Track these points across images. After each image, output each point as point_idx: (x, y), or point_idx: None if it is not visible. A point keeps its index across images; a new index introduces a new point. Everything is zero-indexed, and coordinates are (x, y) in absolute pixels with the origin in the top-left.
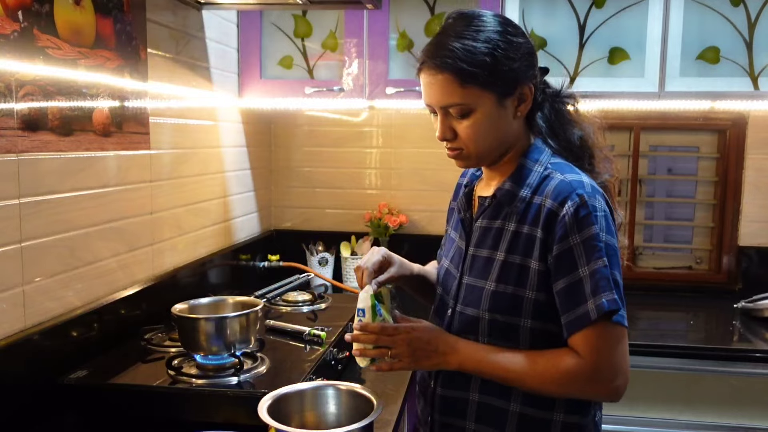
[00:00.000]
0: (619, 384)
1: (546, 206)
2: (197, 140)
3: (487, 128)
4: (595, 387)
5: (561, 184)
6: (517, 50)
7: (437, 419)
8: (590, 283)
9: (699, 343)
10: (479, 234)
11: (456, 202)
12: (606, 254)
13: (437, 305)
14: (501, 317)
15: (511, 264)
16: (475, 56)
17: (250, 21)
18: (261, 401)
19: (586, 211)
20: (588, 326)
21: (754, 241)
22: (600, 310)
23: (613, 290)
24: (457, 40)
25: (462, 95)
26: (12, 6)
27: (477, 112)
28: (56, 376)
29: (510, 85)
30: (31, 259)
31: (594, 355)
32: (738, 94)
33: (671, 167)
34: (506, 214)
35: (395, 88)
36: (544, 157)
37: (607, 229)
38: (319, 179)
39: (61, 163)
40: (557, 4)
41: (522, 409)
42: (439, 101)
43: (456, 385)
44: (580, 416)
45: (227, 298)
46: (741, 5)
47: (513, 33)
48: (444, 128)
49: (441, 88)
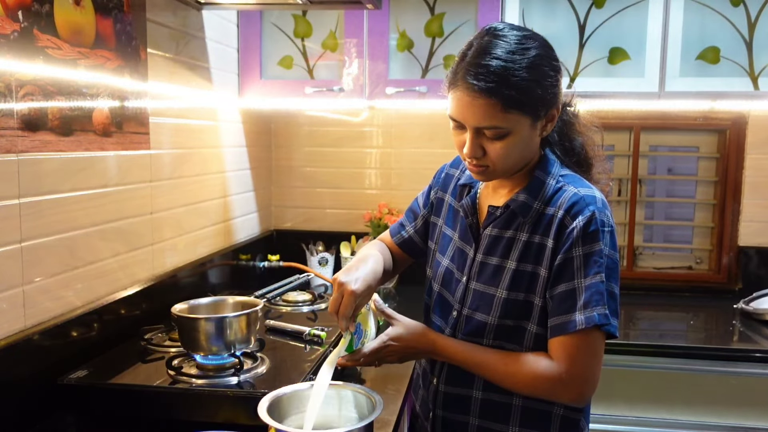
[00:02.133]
0: (585, 391)
1: (558, 217)
2: (197, 140)
3: (519, 149)
4: (563, 391)
5: (574, 197)
6: (557, 77)
7: (439, 415)
8: (585, 294)
9: (699, 343)
10: (489, 242)
11: (452, 198)
12: (606, 269)
13: (439, 303)
14: (511, 322)
15: (523, 272)
16: (523, 84)
17: (250, 21)
18: (261, 401)
19: (595, 227)
20: (570, 333)
21: (754, 241)
22: (590, 321)
23: (605, 305)
24: (505, 64)
25: (503, 120)
26: (12, 6)
27: (513, 135)
28: (56, 376)
29: (546, 109)
30: (31, 259)
31: (568, 361)
32: (738, 94)
33: (671, 167)
34: (519, 224)
35: (395, 88)
36: (555, 169)
37: (612, 245)
38: (320, 179)
39: (61, 163)
40: (557, 4)
41: (524, 403)
42: (478, 123)
43: (459, 382)
44: (576, 411)
45: (227, 298)
46: (741, 5)
47: (554, 57)
48: (475, 147)
49: (482, 111)
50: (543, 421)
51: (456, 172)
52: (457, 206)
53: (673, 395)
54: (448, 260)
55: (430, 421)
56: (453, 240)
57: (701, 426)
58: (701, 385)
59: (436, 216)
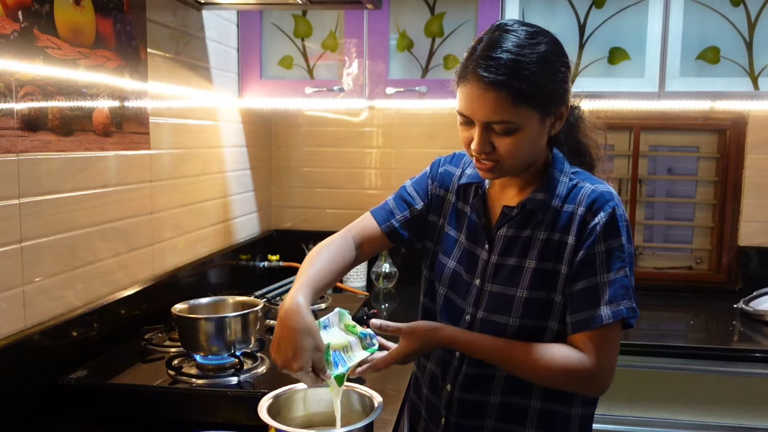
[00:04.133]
0: (608, 382)
1: (578, 214)
2: (197, 140)
3: (527, 145)
4: (591, 383)
5: (593, 194)
6: (566, 72)
7: (453, 421)
8: (610, 290)
9: (699, 343)
10: (504, 243)
11: (454, 197)
12: (626, 263)
13: (446, 307)
14: (532, 322)
15: (544, 271)
16: (534, 77)
17: (250, 21)
18: (261, 401)
19: (616, 223)
20: (598, 328)
21: (754, 241)
22: (617, 315)
23: (632, 299)
24: (514, 57)
25: (513, 114)
26: (12, 6)
27: (522, 131)
28: (56, 376)
29: (556, 105)
30: (31, 259)
31: (598, 354)
32: (738, 94)
33: (671, 167)
34: (536, 223)
35: (395, 88)
36: (566, 167)
37: (628, 238)
38: (319, 179)
39: (61, 163)
40: (557, 4)
41: (543, 405)
42: (487, 117)
43: (477, 389)
44: (592, 408)
45: (227, 298)
46: (741, 5)
47: (564, 53)
48: (484, 142)
49: (492, 104)
50: (561, 422)
51: (456, 171)
52: (462, 207)
53: (673, 395)
54: (455, 262)
55: (441, 426)
56: (459, 241)
57: (701, 426)
58: (701, 385)
59: (435, 215)
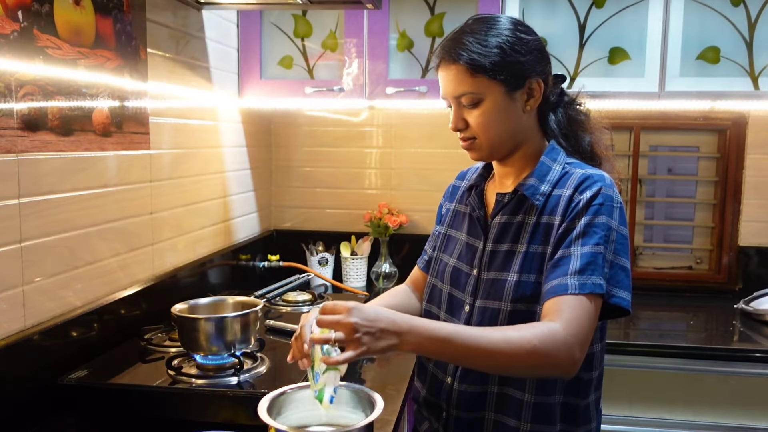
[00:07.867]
0: (577, 353)
1: (566, 195)
2: (197, 140)
3: (496, 118)
4: (560, 348)
5: (582, 177)
6: (525, 45)
7: (454, 414)
8: (579, 260)
9: (699, 343)
10: (498, 230)
11: (457, 204)
12: (606, 242)
13: (447, 303)
14: (523, 306)
15: (534, 254)
16: (485, 48)
17: (250, 21)
18: (261, 401)
19: (601, 201)
20: (565, 295)
21: (754, 241)
22: (584, 288)
23: (601, 275)
24: (470, 35)
25: (472, 84)
26: (12, 6)
27: (486, 102)
28: (56, 376)
29: (518, 77)
30: (31, 259)
31: (563, 317)
32: (738, 94)
33: (671, 167)
34: (527, 208)
35: (395, 88)
36: (561, 157)
37: (620, 220)
38: (319, 179)
39: (61, 163)
40: (557, 4)
41: (534, 399)
42: (452, 91)
43: (474, 379)
44: (580, 398)
45: (227, 298)
46: (741, 5)
47: (523, 31)
48: (456, 118)
49: (454, 78)
50: (548, 412)
51: (462, 183)
52: (461, 207)
53: (673, 395)
54: (455, 258)
55: (442, 421)
56: (459, 239)
57: (701, 426)
58: (701, 385)
59: (443, 226)
